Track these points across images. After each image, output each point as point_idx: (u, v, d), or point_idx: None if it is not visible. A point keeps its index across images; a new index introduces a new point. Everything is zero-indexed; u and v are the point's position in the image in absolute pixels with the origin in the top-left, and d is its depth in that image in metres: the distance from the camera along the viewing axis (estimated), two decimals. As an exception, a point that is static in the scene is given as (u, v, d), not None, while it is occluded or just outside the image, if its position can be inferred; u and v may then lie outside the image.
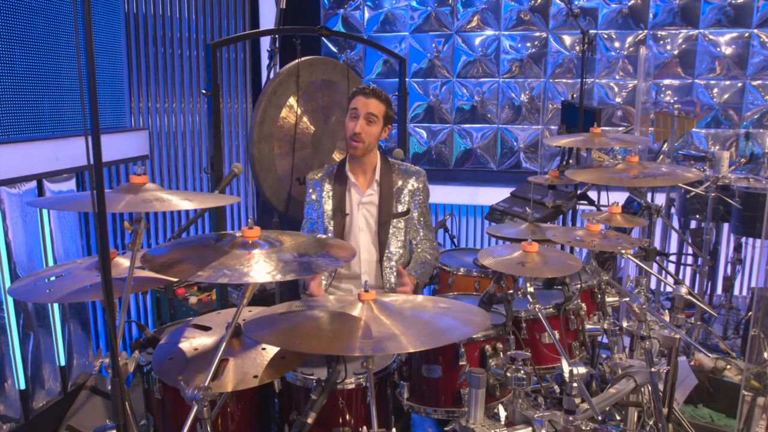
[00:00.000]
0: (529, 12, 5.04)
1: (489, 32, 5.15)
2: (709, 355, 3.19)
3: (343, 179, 2.52)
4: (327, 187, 2.53)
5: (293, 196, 2.85)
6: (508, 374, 1.69)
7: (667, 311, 2.23)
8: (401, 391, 1.82)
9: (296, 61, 2.76)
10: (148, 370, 1.75)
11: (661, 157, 3.80)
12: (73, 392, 3.21)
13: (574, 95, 3.67)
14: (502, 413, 1.77)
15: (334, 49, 5.29)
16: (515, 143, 5.28)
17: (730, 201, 3.67)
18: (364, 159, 2.50)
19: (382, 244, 2.50)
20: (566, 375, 1.63)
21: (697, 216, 4.01)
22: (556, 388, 2.23)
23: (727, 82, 4.81)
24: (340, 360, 1.58)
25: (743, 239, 4.01)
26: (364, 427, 1.50)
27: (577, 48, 4.98)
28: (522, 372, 1.67)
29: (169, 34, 4.42)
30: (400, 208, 2.52)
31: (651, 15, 4.85)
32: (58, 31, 3.34)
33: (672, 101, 4.86)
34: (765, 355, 2.30)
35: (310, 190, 2.57)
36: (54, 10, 3.30)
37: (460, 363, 1.77)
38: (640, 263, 2.21)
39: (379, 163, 2.53)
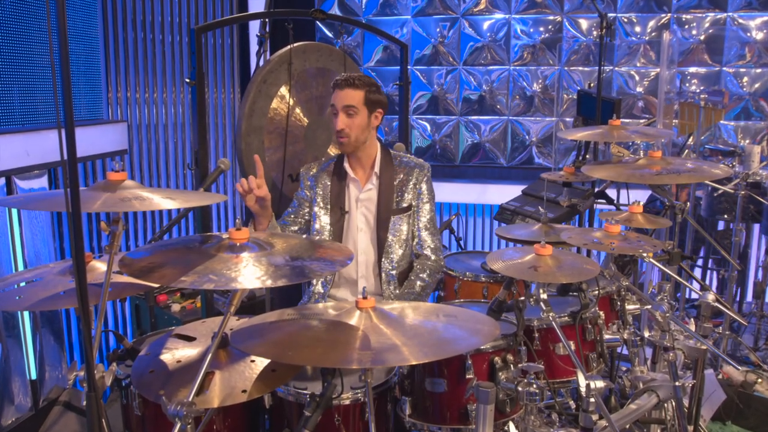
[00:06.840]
0: (543, -6, 5.06)
1: (498, 15, 5.15)
2: (739, 367, 3.19)
3: (342, 174, 2.53)
4: (324, 182, 2.53)
5: (285, 195, 2.85)
6: (520, 388, 1.69)
7: (692, 320, 2.23)
8: (402, 407, 1.82)
9: (288, 47, 2.76)
10: (127, 384, 1.75)
11: (686, 151, 3.80)
12: (45, 408, 3.20)
13: (591, 84, 3.67)
14: (513, 431, 1.77)
15: (330, 34, 5.29)
16: (527, 137, 5.28)
17: (762, 200, 3.67)
18: (360, 152, 2.51)
19: (380, 242, 2.50)
20: (582, 389, 1.63)
21: (726, 216, 4.02)
22: (572, 403, 2.24)
23: (758, 70, 4.81)
24: (336, 373, 1.58)
25: (776, 241, 4.02)
26: (363, 446, 1.50)
27: (595, 33, 4.99)
28: (534, 386, 1.67)
29: (149, 17, 4.42)
30: (402, 204, 2.52)
31: (675, -3, 4.86)
32: (28, 15, 3.34)
33: (698, 91, 4.86)
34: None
35: (306, 183, 2.56)
36: (24, -8, 3.31)
37: (467, 376, 1.77)
38: (663, 268, 2.21)
39: (379, 155, 2.54)
